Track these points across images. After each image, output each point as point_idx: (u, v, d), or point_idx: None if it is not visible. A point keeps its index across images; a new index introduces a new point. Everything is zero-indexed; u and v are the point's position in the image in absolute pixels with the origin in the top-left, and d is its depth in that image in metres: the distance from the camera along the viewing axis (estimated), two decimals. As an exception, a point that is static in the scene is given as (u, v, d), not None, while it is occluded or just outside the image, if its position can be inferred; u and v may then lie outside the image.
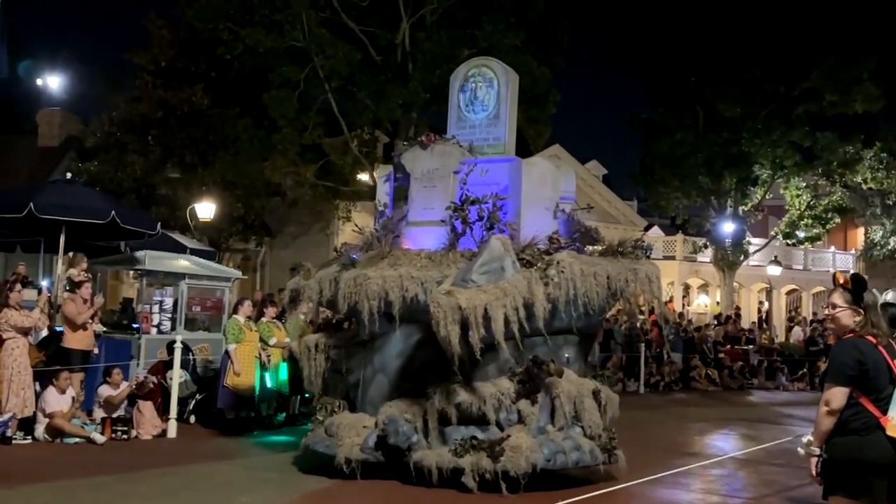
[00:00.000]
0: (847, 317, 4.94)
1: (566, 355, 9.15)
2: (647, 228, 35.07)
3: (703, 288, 37.00)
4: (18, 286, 11.13)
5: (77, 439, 10.55)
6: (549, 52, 24.74)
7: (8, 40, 19.95)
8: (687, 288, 36.74)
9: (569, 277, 8.65)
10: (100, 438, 10.65)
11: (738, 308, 31.64)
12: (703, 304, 36.27)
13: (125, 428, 11.03)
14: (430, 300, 8.19)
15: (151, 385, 11.58)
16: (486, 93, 10.06)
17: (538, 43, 24.25)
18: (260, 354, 12.28)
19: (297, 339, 10.58)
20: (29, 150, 29.96)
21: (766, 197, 32.80)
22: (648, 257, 9.67)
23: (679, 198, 31.96)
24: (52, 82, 34.08)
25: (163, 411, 11.53)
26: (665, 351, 21.54)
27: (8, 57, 20.25)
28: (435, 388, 8.58)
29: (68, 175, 16.30)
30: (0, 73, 19.96)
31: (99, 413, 11.28)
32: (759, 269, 35.28)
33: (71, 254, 13.54)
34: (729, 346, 23.67)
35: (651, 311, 25.82)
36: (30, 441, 10.54)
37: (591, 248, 9.94)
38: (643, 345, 20.31)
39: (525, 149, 21.26)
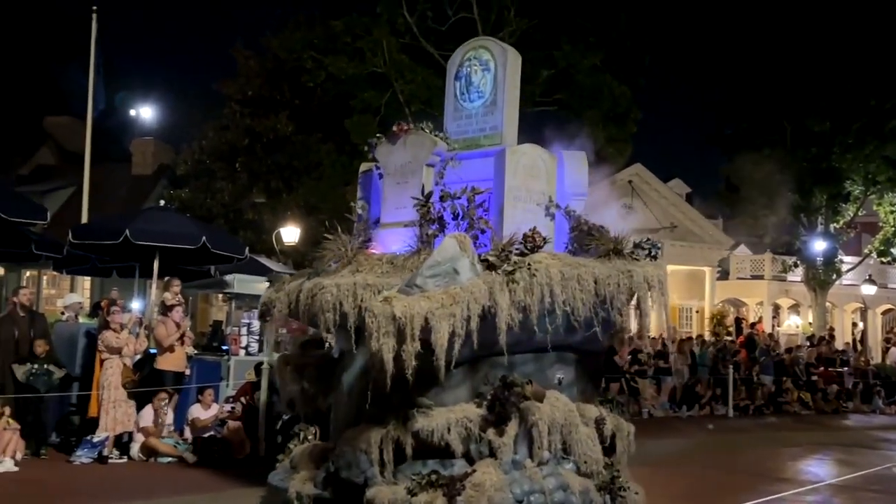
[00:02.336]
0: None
1: (558, 376, 7.81)
2: (733, 247, 34.28)
3: (794, 308, 35.93)
4: (116, 307, 11.66)
5: (170, 458, 10.86)
6: (629, 70, 24.58)
7: (104, 73, 20.81)
8: (777, 308, 35.74)
9: (543, 282, 7.24)
10: (191, 458, 10.92)
11: (831, 329, 30.64)
12: (795, 325, 35.22)
13: (216, 447, 11.30)
14: (366, 309, 7.06)
15: (241, 406, 11.86)
16: (481, 77, 8.75)
17: (618, 62, 24.12)
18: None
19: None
20: (123, 178, 31.11)
21: (859, 214, 31.79)
22: (655, 258, 8.17)
23: (767, 215, 31.25)
24: (145, 113, 35.37)
25: (251, 431, 11.76)
26: (754, 373, 20.98)
27: (104, 89, 21.12)
28: (393, 414, 7.31)
29: (161, 202, 16.84)
30: (97, 105, 20.76)
31: (190, 432, 11.60)
32: (852, 288, 34.11)
33: (167, 278, 13.98)
34: (822, 369, 22.89)
35: (739, 333, 25.37)
36: (125, 460, 10.89)
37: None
38: (731, 367, 19.82)
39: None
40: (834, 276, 31.29)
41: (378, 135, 9.09)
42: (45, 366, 11.11)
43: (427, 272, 7.15)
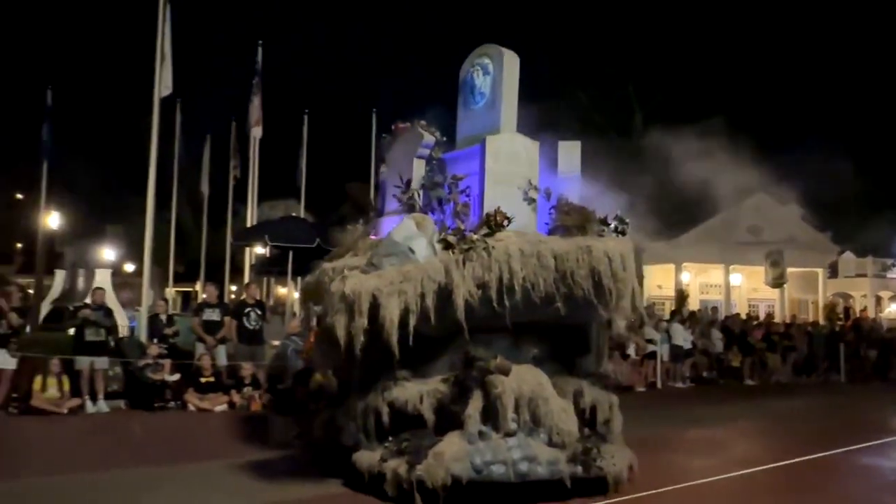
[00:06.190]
0: None
1: (534, 351, 5.95)
2: (840, 253, 31.27)
3: (893, 299, 32.21)
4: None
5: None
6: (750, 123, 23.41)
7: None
8: (878, 299, 32.19)
9: (501, 259, 5.42)
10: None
11: (928, 313, 27.31)
12: (894, 312, 31.57)
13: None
14: (325, 287, 5.70)
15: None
16: (483, 80, 7.03)
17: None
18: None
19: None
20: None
21: (947, 223, 28.19)
22: (623, 234, 6.05)
23: (868, 227, 28.53)
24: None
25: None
26: (862, 348, 19.16)
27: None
28: (374, 385, 5.85)
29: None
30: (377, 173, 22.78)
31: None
32: (943, 282, 30.05)
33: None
34: (920, 344, 20.39)
35: (847, 318, 23.17)
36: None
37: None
38: (842, 344, 18.18)
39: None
40: (927, 273, 27.98)
41: (384, 135, 7.58)
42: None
43: (383, 251, 5.71)
